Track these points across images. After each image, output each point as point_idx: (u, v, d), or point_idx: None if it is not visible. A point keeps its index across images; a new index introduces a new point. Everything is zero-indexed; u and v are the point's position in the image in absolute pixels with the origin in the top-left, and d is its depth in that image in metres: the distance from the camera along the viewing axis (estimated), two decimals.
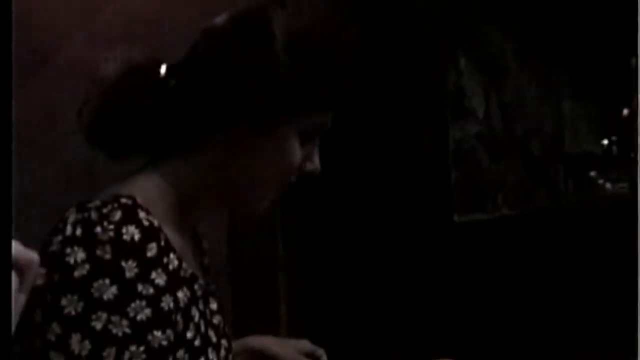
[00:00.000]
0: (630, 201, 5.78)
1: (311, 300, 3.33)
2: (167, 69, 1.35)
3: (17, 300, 0.76)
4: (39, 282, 1.14)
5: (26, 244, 0.85)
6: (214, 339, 1.37)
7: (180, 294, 1.24)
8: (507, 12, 4.46)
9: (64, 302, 1.13)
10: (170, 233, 1.27)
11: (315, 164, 1.38)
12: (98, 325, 1.12)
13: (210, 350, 1.34)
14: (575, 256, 4.26)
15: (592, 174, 6.52)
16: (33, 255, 0.77)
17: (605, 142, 6.86)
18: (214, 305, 1.41)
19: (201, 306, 1.34)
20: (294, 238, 3.12)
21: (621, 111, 6.78)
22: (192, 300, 1.29)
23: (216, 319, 1.41)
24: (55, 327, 1.13)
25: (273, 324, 2.88)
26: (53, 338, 1.12)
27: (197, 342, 1.29)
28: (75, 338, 1.11)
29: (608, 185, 6.74)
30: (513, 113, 4.50)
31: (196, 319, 1.30)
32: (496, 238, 3.98)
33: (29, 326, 1.14)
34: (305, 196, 3.11)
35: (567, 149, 5.49)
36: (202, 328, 1.32)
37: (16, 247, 0.74)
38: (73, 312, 1.12)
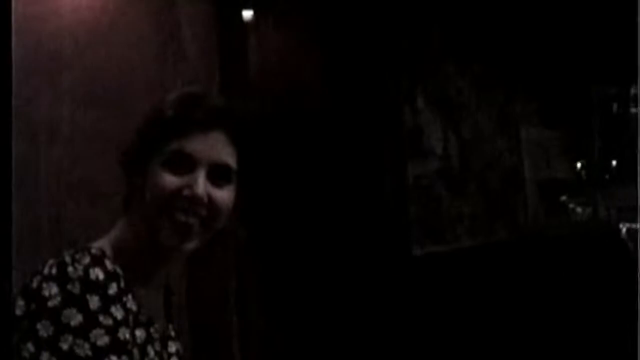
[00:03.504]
0: (596, 224, 5.91)
1: (268, 341, 3.38)
2: None
3: None
4: (19, 312, 1.36)
5: None
6: None
7: (137, 333, 1.44)
8: (464, 50, 4.59)
9: (38, 326, 1.33)
10: (133, 282, 1.46)
11: (193, 190, 1.48)
12: (65, 347, 1.32)
13: None
14: (535, 284, 4.35)
15: (563, 198, 6.64)
16: None
17: (579, 165, 7.01)
18: (172, 349, 1.60)
19: (157, 347, 1.52)
20: (253, 271, 3.20)
21: (587, 136, 6.95)
22: (148, 340, 1.48)
23: None
24: (30, 347, 1.32)
25: None
26: (27, 355, 1.31)
27: None
28: (45, 356, 1.30)
29: (579, 210, 6.87)
30: (471, 148, 4.62)
31: (151, 355, 1.48)
32: (455, 269, 4.07)
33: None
34: (264, 233, 3.22)
35: (538, 176, 5.59)
36: None
37: None
38: (45, 335, 1.32)
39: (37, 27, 2.47)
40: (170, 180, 1.48)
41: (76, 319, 1.33)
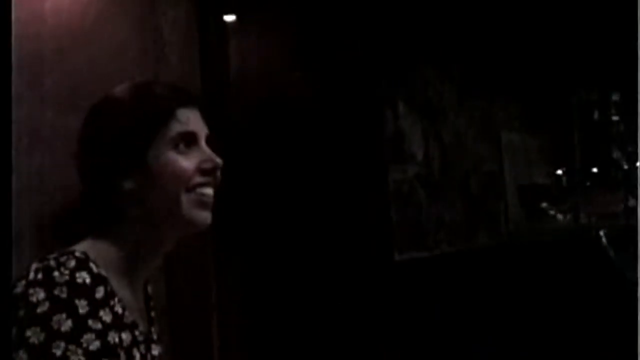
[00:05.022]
0: (576, 230, 5.95)
1: (248, 342, 3.38)
2: None
3: None
4: None
5: None
6: None
7: (124, 335, 1.44)
8: (445, 55, 4.61)
9: (28, 333, 1.32)
10: (117, 285, 1.46)
11: (210, 162, 1.50)
12: (58, 353, 1.31)
13: None
14: (516, 290, 4.37)
15: (544, 204, 6.67)
16: None
17: (560, 172, 7.04)
18: (155, 352, 1.60)
19: (142, 350, 1.53)
20: (234, 274, 3.20)
21: (568, 142, 6.99)
22: (134, 343, 1.49)
23: None
24: (22, 355, 1.31)
25: None
26: None
27: None
28: None
29: (560, 216, 6.90)
30: (452, 153, 4.64)
31: (137, 358, 1.49)
32: (437, 275, 4.08)
33: None
34: (245, 238, 3.22)
35: (518, 181, 5.61)
36: None
37: None
38: (36, 342, 1.31)
39: (18, 31, 2.45)
40: (184, 160, 1.50)
41: (66, 324, 1.34)
